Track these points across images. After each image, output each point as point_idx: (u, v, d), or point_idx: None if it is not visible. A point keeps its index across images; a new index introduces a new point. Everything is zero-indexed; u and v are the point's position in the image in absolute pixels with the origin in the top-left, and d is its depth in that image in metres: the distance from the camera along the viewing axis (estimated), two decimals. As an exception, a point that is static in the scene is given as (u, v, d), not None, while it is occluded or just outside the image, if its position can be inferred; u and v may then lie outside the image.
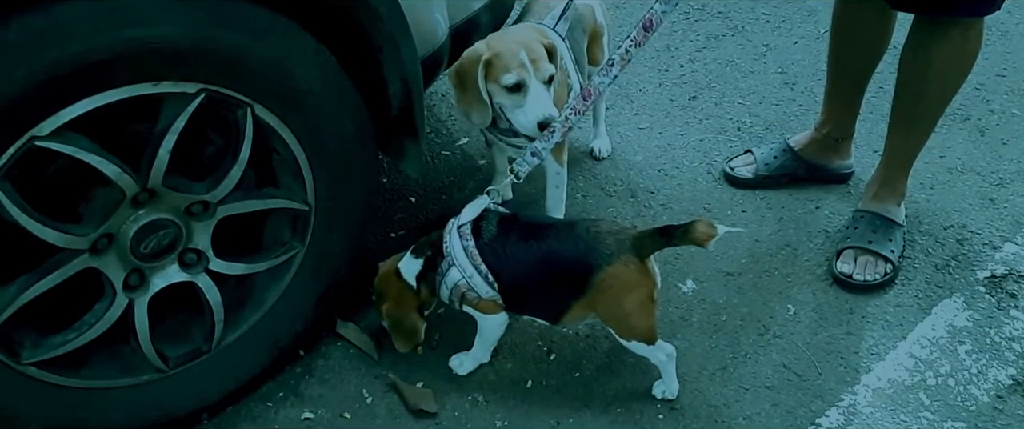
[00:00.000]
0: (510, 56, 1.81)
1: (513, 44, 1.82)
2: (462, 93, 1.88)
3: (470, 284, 1.74)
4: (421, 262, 1.79)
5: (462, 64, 1.86)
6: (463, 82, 1.87)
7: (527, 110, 1.83)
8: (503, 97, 1.85)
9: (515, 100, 1.84)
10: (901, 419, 1.82)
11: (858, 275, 2.08)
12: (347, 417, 1.84)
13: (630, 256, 1.68)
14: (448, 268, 1.75)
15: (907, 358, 1.94)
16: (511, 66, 1.81)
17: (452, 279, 1.75)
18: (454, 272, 1.74)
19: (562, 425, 1.82)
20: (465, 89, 1.87)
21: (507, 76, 1.81)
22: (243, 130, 1.59)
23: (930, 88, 2.00)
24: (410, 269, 1.80)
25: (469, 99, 1.87)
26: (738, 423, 1.82)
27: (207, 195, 1.62)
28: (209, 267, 1.69)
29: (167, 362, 1.72)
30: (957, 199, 2.34)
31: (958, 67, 1.96)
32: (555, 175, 2.11)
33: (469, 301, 1.78)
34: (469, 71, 1.84)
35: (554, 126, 1.81)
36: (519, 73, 1.81)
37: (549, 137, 1.82)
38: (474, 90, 1.84)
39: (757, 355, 1.95)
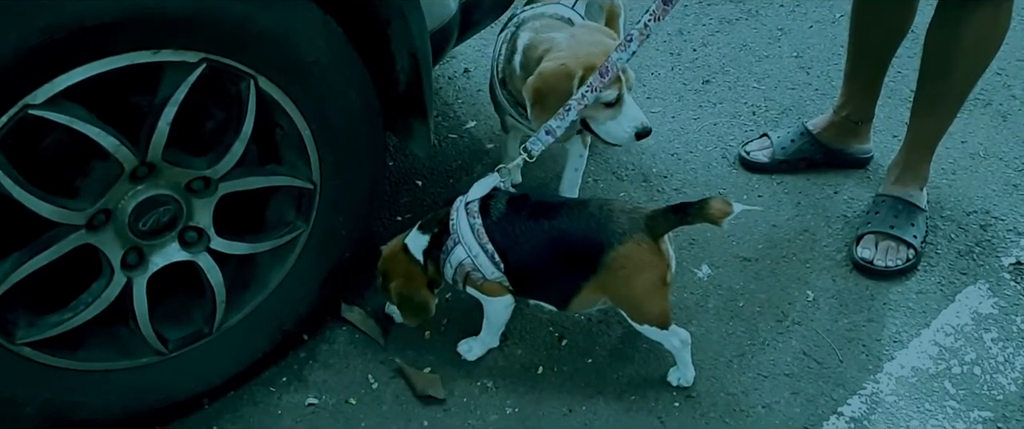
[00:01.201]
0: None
1: (600, 53, 1.72)
2: (541, 110, 1.75)
3: (475, 264, 1.68)
4: (428, 238, 1.74)
5: (545, 80, 1.74)
6: (545, 99, 1.74)
7: (622, 121, 1.76)
8: (596, 111, 1.75)
9: (609, 114, 1.76)
10: (926, 408, 1.76)
11: (879, 261, 2.02)
12: (352, 403, 1.79)
13: (643, 235, 1.63)
14: (453, 246, 1.69)
15: (931, 346, 1.88)
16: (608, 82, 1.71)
17: (457, 258, 1.69)
18: (459, 251, 1.69)
19: (574, 412, 1.77)
20: (545, 105, 1.74)
21: (607, 93, 1.72)
22: (246, 103, 1.53)
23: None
24: (417, 244, 1.74)
25: (549, 115, 1.73)
26: (757, 411, 1.76)
27: (208, 171, 1.56)
28: (210, 246, 1.64)
29: (167, 344, 1.66)
30: (980, 185, 2.27)
31: (988, 45, 1.90)
32: (578, 157, 2.07)
33: (473, 282, 1.73)
34: (555, 88, 1.73)
35: (570, 103, 1.75)
36: (616, 88, 1.72)
37: (565, 115, 1.76)
38: (560, 106, 1.71)
39: (776, 342, 1.89)
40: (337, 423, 1.74)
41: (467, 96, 2.62)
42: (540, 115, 1.76)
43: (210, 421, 1.74)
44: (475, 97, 2.62)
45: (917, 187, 2.13)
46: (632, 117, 1.75)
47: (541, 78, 1.74)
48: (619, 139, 1.79)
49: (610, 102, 1.74)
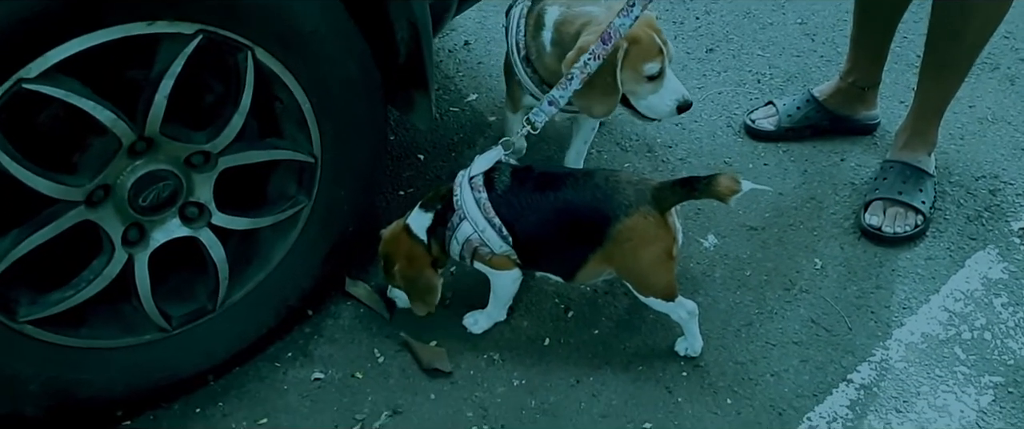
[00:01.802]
0: (649, 44, 1.69)
1: (644, 28, 1.69)
2: (585, 86, 1.70)
3: (483, 239, 1.66)
4: (431, 216, 1.71)
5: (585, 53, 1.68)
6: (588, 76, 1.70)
7: (664, 95, 1.73)
8: (638, 85, 1.72)
9: (651, 87, 1.72)
10: (936, 374, 1.75)
11: (887, 227, 2.00)
12: (359, 377, 1.78)
13: (649, 208, 1.61)
14: (459, 222, 1.67)
15: (940, 312, 1.87)
16: (651, 55, 1.69)
17: (463, 233, 1.67)
18: (466, 226, 1.67)
19: (582, 383, 1.76)
20: (589, 81, 1.69)
21: (650, 66, 1.69)
22: (244, 75, 1.51)
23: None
24: (420, 223, 1.72)
25: (593, 91, 1.70)
26: (765, 380, 1.75)
27: (208, 145, 1.54)
28: (212, 221, 1.62)
29: (170, 321, 1.65)
30: (988, 149, 2.24)
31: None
32: (590, 130, 2.05)
33: (481, 257, 1.71)
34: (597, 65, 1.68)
35: (573, 73, 1.73)
36: (660, 61, 1.69)
37: (566, 85, 1.73)
38: (604, 81, 1.69)
39: (784, 311, 1.88)
40: (343, 397, 1.74)
41: (468, 69, 2.59)
42: (582, 92, 1.70)
43: (216, 398, 1.73)
44: (476, 69, 2.59)
45: (925, 152, 2.10)
46: (674, 90, 1.72)
47: (580, 52, 1.68)
48: (660, 113, 1.75)
49: (653, 75, 1.70)
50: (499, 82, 2.54)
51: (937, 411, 1.68)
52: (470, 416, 1.70)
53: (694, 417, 1.68)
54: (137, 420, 1.70)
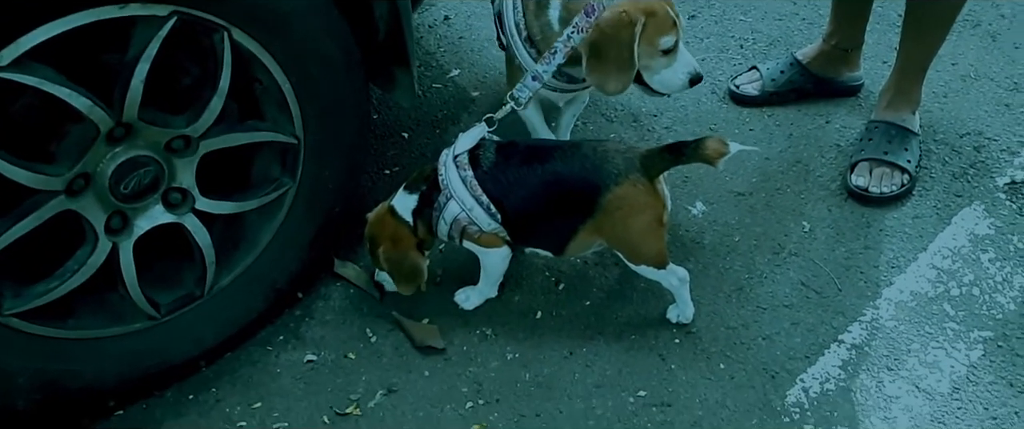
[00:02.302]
0: (664, 18, 1.66)
1: (657, 2, 1.67)
2: (598, 61, 1.68)
3: (471, 217, 1.65)
4: (416, 197, 1.69)
5: (603, 31, 1.66)
6: (603, 50, 1.67)
7: (676, 69, 1.71)
8: (653, 60, 1.70)
9: (664, 61, 1.71)
10: (926, 331, 1.76)
11: (874, 188, 2.00)
12: (352, 357, 1.77)
13: (639, 176, 1.60)
14: (446, 202, 1.66)
15: (929, 269, 1.88)
16: (666, 28, 1.67)
17: (451, 213, 1.66)
18: (453, 205, 1.65)
19: (575, 354, 1.76)
20: (602, 57, 1.68)
21: (665, 39, 1.67)
22: (221, 57, 1.48)
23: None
24: (405, 205, 1.70)
25: (608, 67, 1.68)
26: (757, 343, 1.75)
27: (188, 129, 1.52)
28: (196, 207, 1.60)
29: (159, 309, 1.64)
30: (972, 106, 2.25)
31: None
32: (581, 104, 2.04)
33: (470, 236, 1.70)
34: (614, 37, 1.66)
35: (556, 46, 1.71)
36: (674, 34, 1.68)
37: (551, 59, 1.71)
38: (620, 56, 1.67)
39: (774, 274, 1.88)
40: (337, 378, 1.73)
41: (449, 44, 2.57)
42: (597, 69, 1.68)
43: (209, 383, 1.73)
44: (457, 45, 2.56)
45: (909, 111, 2.10)
46: (686, 63, 1.71)
47: (597, 29, 1.65)
48: (673, 87, 1.74)
49: (668, 49, 1.68)
50: (481, 57, 2.52)
51: (928, 367, 1.70)
52: (465, 391, 1.70)
53: (688, 383, 1.69)
54: (129, 409, 1.69)
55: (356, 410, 1.68)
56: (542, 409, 1.67)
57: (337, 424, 1.66)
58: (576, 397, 1.68)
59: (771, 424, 1.62)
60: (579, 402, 1.67)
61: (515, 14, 1.80)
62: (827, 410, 1.64)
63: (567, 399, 1.68)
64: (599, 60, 1.68)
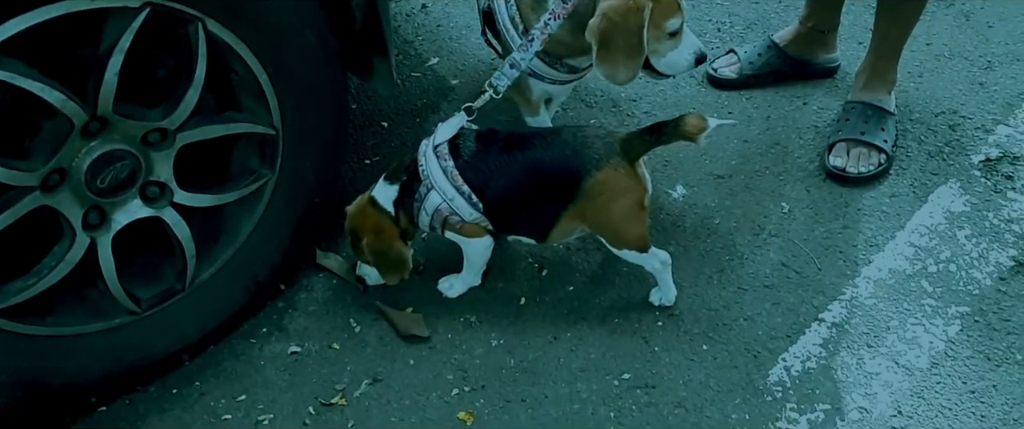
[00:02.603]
0: (669, 2, 1.67)
1: None
2: (607, 51, 1.66)
3: (453, 207, 1.65)
4: (397, 188, 1.69)
5: (611, 20, 1.63)
6: (611, 38, 1.65)
7: (682, 50, 1.72)
8: (660, 43, 1.70)
9: (671, 44, 1.71)
10: (905, 308, 1.78)
11: (851, 168, 2.02)
12: (336, 348, 1.77)
13: (619, 160, 1.61)
14: (427, 192, 1.65)
15: (906, 247, 1.90)
16: (673, 11, 1.67)
17: (432, 203, 1.66)
18: (434, 196, 1.65)
19: (560, 339, 1.77)
20: (611, 46, 1.66)
21: (672, 21, 1.67)
22: (196, 48, 1.47)
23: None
24: (386, 195, 1.69)
25: (616, 55, 1.67)
26: (739, 324, 1.77)
27: (164, 122, 1.50)
28: (174, 200, 1.59)
29: (140, 304, 1.62)
30: (947, 85, 2.27)
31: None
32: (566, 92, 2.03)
33: (452, 226, 1.70)
34: (622, 26, 1.64)
35: (533, 33, 1.71)
36: (680, 16, 1.69)
37: (529, 46, 1.71)
38: (629, 43, 1.65)
39: (754, 255, 1.90)
40: (322, 369, 1.73)
41: (427, 32, 2.55)
42: (607, 58, 1.67)
43: (192, 377, 1.72)
44: (436, 32, 2.55)
45: (885, 91, 2.12)
46: (691, 44, 1.73)
47: (606, 18, 1.63)
48: (679, 68, 1.75)
49: (675, 31, 1.69)
50: (460, 45, 2.51)
51: (907, 344, 1.72)
52: (450, 379, 1.71)
53: (671, 365, 1.70)
54: (112, 405, 1.68)
55: (342, 400, 1.68)
56: (528, 394, 1.67)
57: (323, 415, 1.66)
58: (561, 381, 1.69)
59: (754, 403, 1.63)
60: (564, 386, 1.68)
61: (508, 9, 1.78)
62: (809, 388, 1.66)
63: (552, 383, 1.69)
64: (609, 50, 1.66)
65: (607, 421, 1.62)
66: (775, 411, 1.62)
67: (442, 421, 1.64)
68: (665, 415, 1.62)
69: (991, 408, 1.61)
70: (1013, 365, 1.67)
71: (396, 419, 1.65)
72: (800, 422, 1.61)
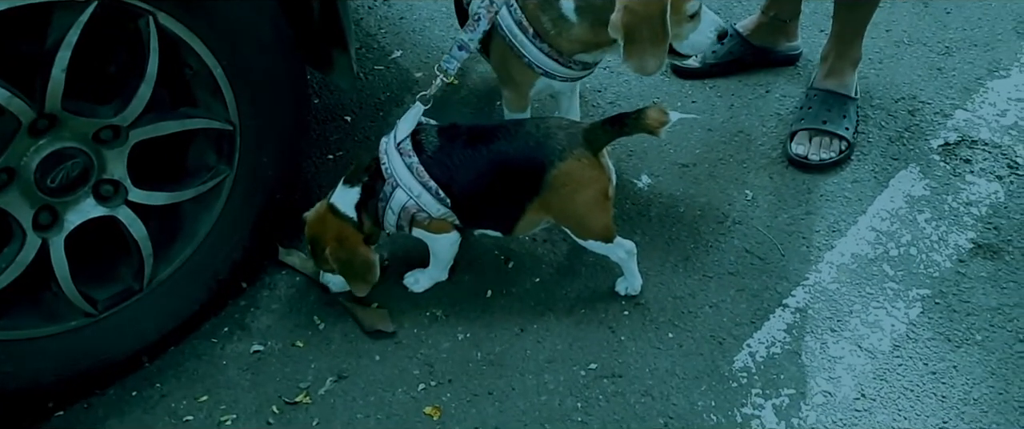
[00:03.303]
0: None
1: None
2: (632, 44, 1.64)
3: (420, 204, 1.63)
4: (358, 190, 1.66)
5: (634, 12, 1.61)
6: (636, 31, 1.63)
7: (703, 29, 1.71)
8: (681, 27, 1.69)
9: (692, 25, 1.70)
10: (867, 292, 1.80)
11: (813, 155, 2.04)
12: (300, 346, 1.75)
13: (583, 151, 1.60)
14: (392, 191, 1.63)
15: (868, 232, 1.92)
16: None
17: (399, 202, 1.63)
18: (400, 194, 1.63)
19: (526, 331, 1.76)
20: (637, 38, 1.63)
21: (691, 3, 1.67)
22: (148, 42, 1.44)
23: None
24: (346, 200, 1.66)
25: (643, 46, 1.64)
26: (704, 311, 1.77)
27: (116, 119, 1.47)
28: (129, 198, 1.55)
29: (96, 305, 1.59)
30: (906, 71, 2.29)
31: None
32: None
33: (419, 223, 1.68)
34: (645, 16, 1.62)
35: (479, 13, 1.69)
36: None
37: (475, 27, 1.69)
38: (653, 32, 1.63)
39: (718, 243, 1.91)
40: (286, 367, 1.71)
41: (390, 25, 2.53)
42: (634, 52, 1.65)
43: (152, 379, 1.69)
44: (398, 25, 2.53)
45: (847, 77, 2.14)
46: (710, 21, 1.72)
47: (629, 12, 1.61)
48: (702, 47, 1.75)
49: (695, 12, 1.69)
50: (423, 37, 2.49)
51: (869, 327, 1.74)
52: (416, 374, 1.69)
53: (637, 354, 1.70)
54: (70, 410, 1.64)
55: (306, 398, 1.66)
56: (494, 387, 1.67)
57: (287, 413, 1.63)
58: (528, 373, 1.69)
59: (719, 390, 1.64)
60: (531, 378, 1.68)
61: (512, 13, 1.71)
62: (774, 373, 1.66)
63: (519, 375, 1.68)
64: (635, 42, 1.64)
65: (574, 411, 1.62)
66: (740, 397, 1.63)
67: (408, 416, 1.62)
68: (632, 404, 1.62)
69: (952, 389, 1.63)
70: (973, 346, 1.69)
71: (362, 416, 1.63)
72: (765, 407, 1.62)
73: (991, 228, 1.90)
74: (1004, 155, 2.07)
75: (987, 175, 2.02)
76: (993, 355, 1.68)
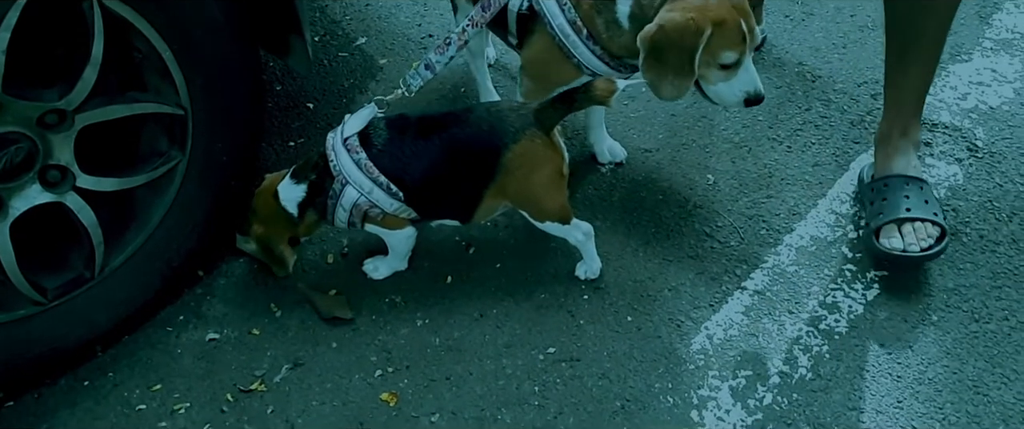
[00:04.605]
0: (734, 30, 1.55)
1: (730, 10, 1.55)
2: (656, 63, 1.57)
3: (372, 200, 1.61)
4: (304, 187, 1.64)
5: (667, 33, 1.54)
6: (663, 54, 1.56)
7: (734, 84, 1.61)
8: (711, 71, 1.60)
9: (723, 75, 1.60)
10: (825, 273, 1.80)
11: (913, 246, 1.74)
12: (256, 333, 1.73)
13: (535, 131, 1.60)
14: (342, 188, 1.61)
15: (828, 214, 1.92)
16: (734, 43, 1.55)
17: (349, 199, 1.62)
18: (350, 191, 1.61)
19: (486, 316, 1.75)
20: (661, 59, 1.56)
21: (729, 54, 1.56)
22: (92, 24, 1.41)
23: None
24: (291, 196, 1.65)
25: (665, 70, 1.57)
26: (664, 295, 1.77)
27: (61, 103, 1.45)
28: (77, 185, 1.53)
29: (45, 294, 1.57)
30: (869, 56, 2.30)
31: None
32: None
33: (372, 219, 1.66)
34: (677, 43, 1.54)
35: (450, 37, 1.68)
36: (739, 51, 1.57)
37: (445, 49, 1.68)
38: (680, 63, 1.56)
39: (679, 227, 1.90)
40: (241, 355, 1.69)
41: (355, 12, 2.51)
42: (653, 69, 1.58)
43: (105, 368, 1.67)
44: (364, 12, 2.51)
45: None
46: (746, 81, 1.61)
47: (663, 31, 1.54)
48: (726, 102, 1.64)
49: (729, 64, 1.59)
50: (388, 24, 2.47)
51: (827, 308, 1.74)
52: (374, 360, 1.68)
53: (596, 337, 1.70)
54: (21, 400, 1.62)
55: (261, 386, 1.64)
56: (452, 372, 1.66)
57: (241, 401, 1.62)
58: (486, 358, 1.68)
59: (676, 372, 1.64)
60: (489, 362, 1.67)
61: (566, 13, 1.64)
62: (731, 355, 1.67)
63: (478, 360, 1.68)
64: (658, 62, 1.57)
65: (531, 395, 1.61)
66: (697, 379, 1.63)
67: (364, 403, 1.61)
68: (589, 387, 1.62)
69: (907, 368, 1.64)
70: (928, 326, 1.70)
71: (317, 403, 1.62)
72: (722, 389, 1.62)
73: (950, 210, 1.91)
74: (964, 138, 2.08)
75: (947, 157, 2.03)
76: (948, 335, 1.68)
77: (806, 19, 2.42)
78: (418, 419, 1.58)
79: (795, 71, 2.27)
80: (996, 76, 2.23)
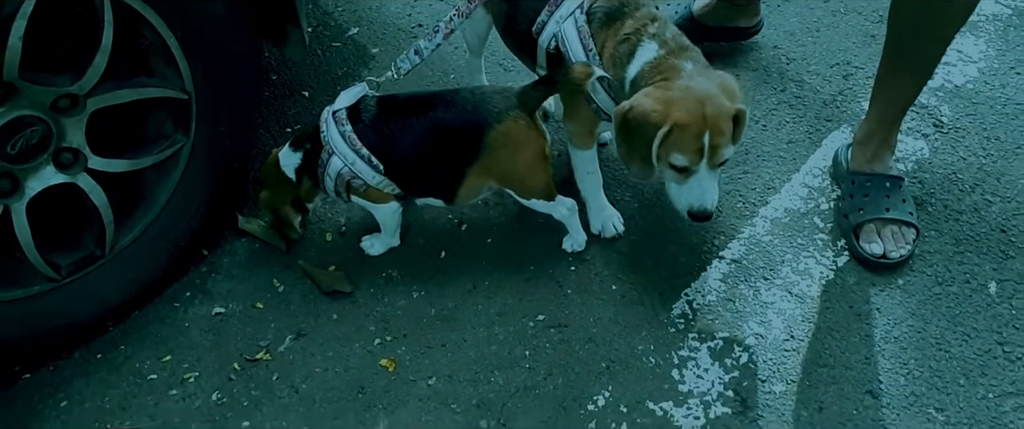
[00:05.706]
0: (692, 136, 1.51)
1: (698, 117, 1.51)
2: (625, 141, 1.58)
3: (354, 171, 1.71)
4: (300, 155, 1.76)
5: (634, 117, 1.54)
6: (630, 135, 1.57)
7: (682, 191, 1.60)
8: (664, 168, 1.60)
9: (673, 175, 1.60)
10: (798, 243, 1.90)
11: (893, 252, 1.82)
12: (260, 307, 1.82)
13: (518, 112, 1.68)
14: (329, 158, 1.71)
15: (801, 188, 2.02)
16: (688, 149, 1.53)
17: (334, 168, 1.71)
18: (335, 161, 1.71)
19: (478, 288, 1.84)
20: (629, 143, 1.58)
21: (677, 157, 1.54)
22: (102, 13, 1.49)
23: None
24: (289, 161, 1.77)
25: (632, 154, 1.59)
26: (646, 265, 1.87)
27: (73, 87, 1.53)
28: (89, 166, 1.61)
29: (59, 271, 1.65)
30: (841, 38, 2.40)
31: None
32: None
33: (356, 190, 1.76)
34: (640, 127, 1.54)
35: (439, 25, 1.76)
36: (691, 159, 1.54)
37: (433, 36, 1.76)
38: (642, 149, 1.55)
39: (661, 202, 2.00)
40: (247, 327, 1.78)
41: (347, 3, 2.59)
42: (621, 145, 1.59)
43: (117, 342, 1.75)
44: (356, 3, 2.59)
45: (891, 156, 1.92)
46: (695, 194, 1.58)
47: (632, 112, 1.54)
48: (676, 206, 1.65)
49: (677, 166, 1.56)
50: (380, 14, 2.56)
51: (800, 275, 1.84)
52: (372, 329, 1.77)
53: (582, 305, 1.79)
54: (37, 373, 1.70)
55: (266, 355, 1.73)
56: (447, 339, 1.75)
57: (248, 370, 1.71)
58: (479, 326, 1.77)
59: (658, 334, 1.74)
60: (482, 330, 1.76)
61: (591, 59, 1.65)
62: (709, 319, 1.76)
63: (471, 328, 1.77)
64: (625, 141, 1.58)
65: (522, 359, 1.71)
66: (678, 341, 1.73)
67: (365, 368, 1.70)
68: (576, 350, 1.72)
69: (874, 328, 1.74)
70: (895, 289, 1.80)
71: (320, 370, 1.71)
72: (701, 350, 1.71)
73: (916, 182, 2.01)
74: (930, 115, 2.18)
75: (914, 133, 2.14)
76: (913, 297, 1.79)
77: (782, 5, 2.52)
78: (416, 382, 1.68)
79: (771, 54, 2.37)
80: (962, 56, 2.33)
